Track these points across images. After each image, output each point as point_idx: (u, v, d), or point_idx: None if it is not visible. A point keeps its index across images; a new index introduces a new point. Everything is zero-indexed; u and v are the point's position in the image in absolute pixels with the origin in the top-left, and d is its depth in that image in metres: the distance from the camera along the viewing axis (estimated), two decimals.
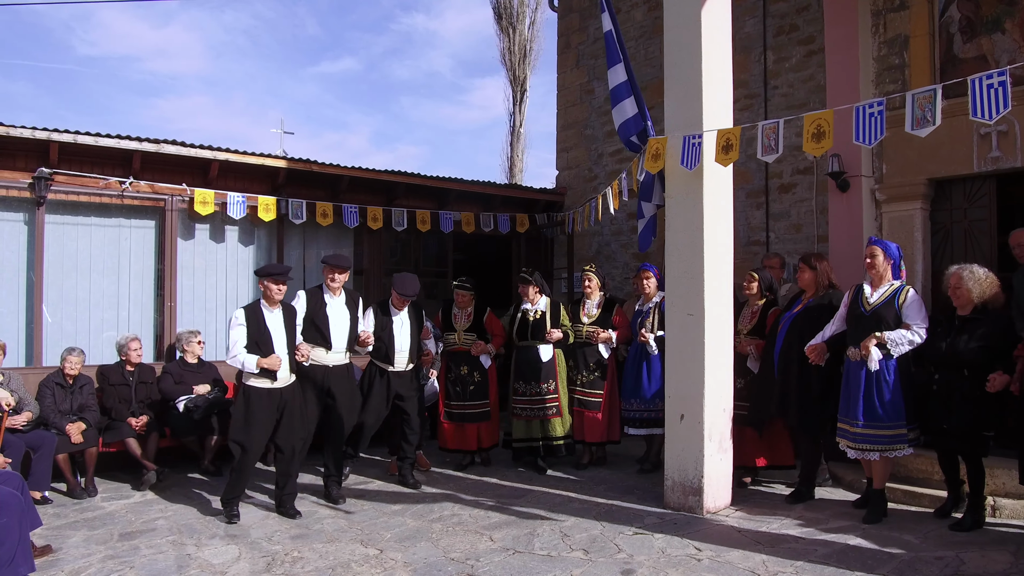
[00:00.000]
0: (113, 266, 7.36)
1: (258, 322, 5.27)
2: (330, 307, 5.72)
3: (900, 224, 6.56)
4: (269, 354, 5.24)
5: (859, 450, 4.97)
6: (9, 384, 5.83)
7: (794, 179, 7.53)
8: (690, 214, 5.26)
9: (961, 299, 4.81)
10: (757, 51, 7.84)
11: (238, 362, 5.24)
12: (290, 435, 5.44)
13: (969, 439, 4.71)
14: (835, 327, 5.22)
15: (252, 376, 5.28)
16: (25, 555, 4.08)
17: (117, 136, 6.93)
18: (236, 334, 5.24)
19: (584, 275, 6.88)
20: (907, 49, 6.55)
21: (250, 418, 5.26)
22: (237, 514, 5.30)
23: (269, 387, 5.30)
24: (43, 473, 5.78)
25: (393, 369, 6.09)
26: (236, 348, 5.23)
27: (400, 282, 6.03)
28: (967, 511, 4.85)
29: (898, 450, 4.88)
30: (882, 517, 5.04)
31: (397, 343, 6.06)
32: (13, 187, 6.72)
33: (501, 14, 22.68)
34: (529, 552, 4.54)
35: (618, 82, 5.73)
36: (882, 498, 5.11)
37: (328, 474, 5.86)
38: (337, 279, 5.71)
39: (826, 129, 4.33)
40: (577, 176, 10.16)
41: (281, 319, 5.39)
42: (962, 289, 4.77)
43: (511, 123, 23.37)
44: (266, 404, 5.30)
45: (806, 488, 5.58)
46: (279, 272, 5.41)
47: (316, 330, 5.62)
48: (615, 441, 6.85)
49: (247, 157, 7.71)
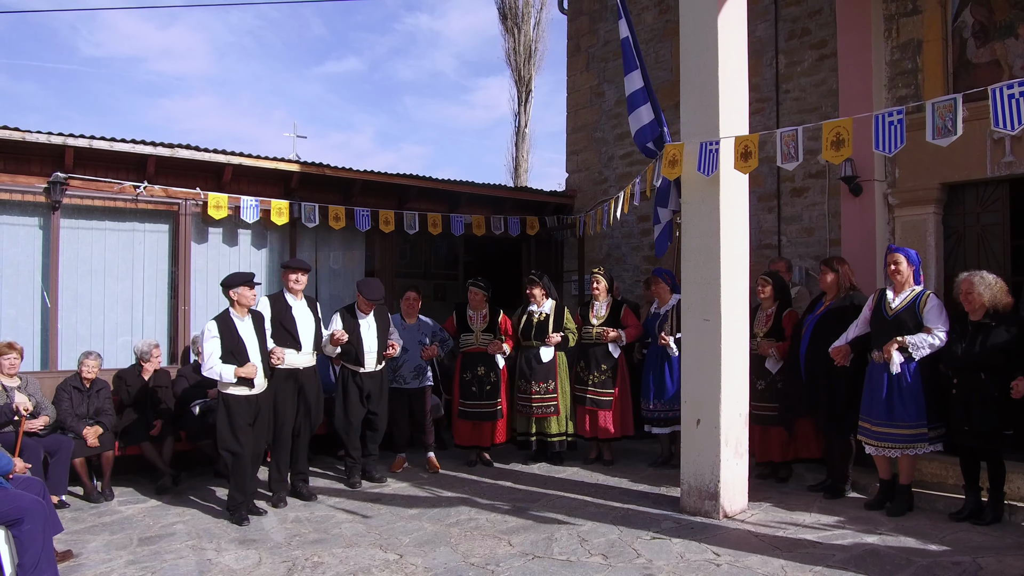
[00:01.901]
0: (127, 270, 7.38)
1: (231, 332, 5.41)
2: (295, 309, 5.93)
3: (913, 228, 6.57)
4: (245, 362, 5.38)
5: (880, 447, 5.18)
6: (26, 388, 5.86)
7: (806, 183, 7.54)
8: (706, 220, 5.27)
9: (973, 304, 4.97)
10: (769, 55, 7.84)
11: (215, 373, 5.35)
12: (262, 436, 5.66)
13: (989, 439, 4.87)
14: (858, 329, 5.42)
15: (230, 385, 5.40)
16: (49, 561, 4.12)
17: (132, 141, 6.95)
18: (210, 346, 5.35)
19: (593, 277, 7.11)
20: (920, 54, 6.56)
21: (233, 425, 5.42)
22: (246, 517, 5.40)
23: (247, 394, 5.46)
24: (60, 477, 5.81)
25: (364, 370, 6.30)
26: (212, 360, 5.34)
27: (366, 287, 6.31)
28: (988, 505, 5.01)
29: (919, 448, 5.08)
30: (906, 511, 5.25)
31: (366, 345, 6.27)
32: (28, 192, 6.75)
33: (506, 14, 22.68)
34: (548, 557, 4.56)
35: (634, 88, 5.75)
36: (908, 493, 5.31)
37: (297, 471, 6.06)
38: (300, 281, 5.95)
39: (845, 137, 4.35)
40: (587, 179, 10.17)
41: (252, 326, 5.55)
42: (974, 295, 4.94)
43: (516, 123, 23.40)
44: (244, 410, 5.46)
45: (841, 483, 5.77)
46: (250, 278, 5.57)
47: (285, 332, 5.80)
48: (628, 436, 7.07)
49: (260, 161, 7.73)
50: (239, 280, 5.53)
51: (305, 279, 6.01)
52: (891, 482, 5.36)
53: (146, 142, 7.03)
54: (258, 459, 5.72)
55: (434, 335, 7.08)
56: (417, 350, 6.90)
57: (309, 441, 6.16)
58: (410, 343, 6.85)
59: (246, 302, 5.53)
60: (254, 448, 5.58)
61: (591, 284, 7.09)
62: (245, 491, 5.51)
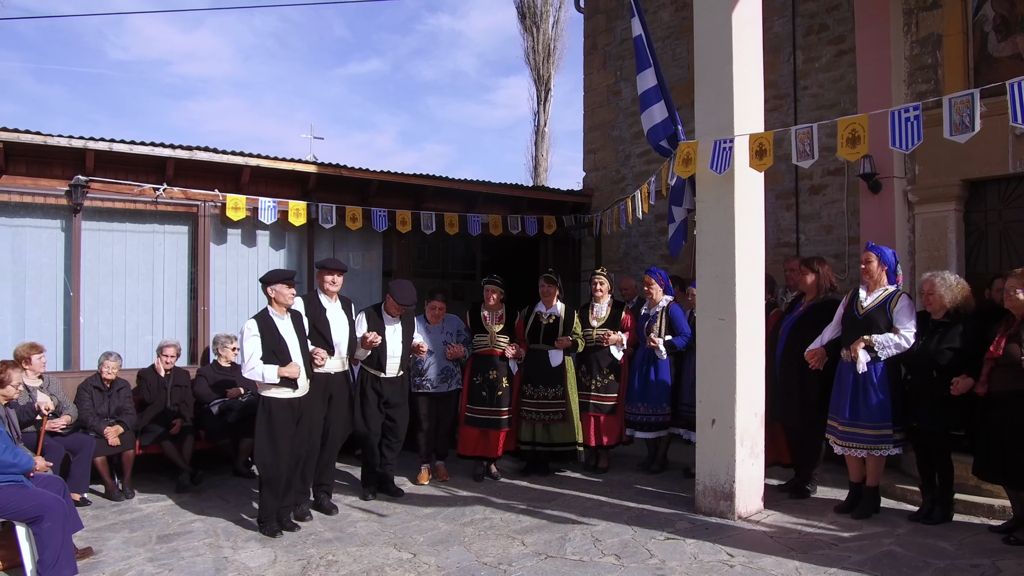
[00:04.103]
0: (148, 271, 7.47)
1: (272, 331, 5.10)
2: (329, 312, 5.61)
3: (933, 226, 6.48)
4: (287, 362, 5.08)
5: (845, 447, 5.19)
6: (48, 388, 5.96)
7: (825, 180, 7.46)
8: (721, 218, 5.24)
9: (934, 304, 5.04)
10: (786, 51, 7.77)
11: (257, 374, 5.02)
12: (303, 443, 5.31)
13: (936, 436, 4.93)
14: (833, 331, 5.40)
15: (272, 387, 5.09)
16: (68, 558, 4.20)
17: (151, 144, 7.04)
18: (251, 345, 5.02)
19: (595, 278, 6.83)
20: (940, 48, 6.47)
21: (273, 433, 5.09)
22: (278, 530, 5.13)
23: (290, 397, 5.15)
24: (82, 475, 5.91)
25: (385, 376, 6.01)
26: (253, 360, 5.00)
27: (399, 290, 5.91)
28: (937, 505, 5.07)
29: (884, 449, 5.08)
30: (872, 513, 5.24)
31: (389, 349, 5.97)
32: (51, 195, 6.86)
33: (525, 13, 22.69)
34: (561, 557, 4.56)
35: (647, 87, 5.71)
36: (875, 495, 5.30)
37: (319, 483, 5.72)
38: (337, 282, 5.64)
39: (861, 134, 4.29)
40: (604, 177, 10.15)
41: (291, 326, 5.25)
42: (935, 295, 5.01)
43: (535, 122, 23.40)
44: (288, 415, 5.14)
45: (803, 483, 5.78)
46: (290, 276, 5.26)
47: (319, 335, 5.48)
48: (625, 443, 6.89)
49: (278, 163, 7.79)
50: (277, 277, 5.20)
51: (341, 280, 5.66)
52: (860, 485, 5.33)
53: (165, 144, 7.11)
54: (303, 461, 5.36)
55: (459, 333, 6.70)
56: (442, 351, 6.56)
57: (336, 452, 5.83)
58: (435, 345, 6.53)
59: (284, 300, 5.19)
60: (294, 456, 5.24)
61: (592, 285, 6.83)
62: (278, 504, 5.18)
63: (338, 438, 5.76)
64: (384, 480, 6.18)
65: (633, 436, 6.73)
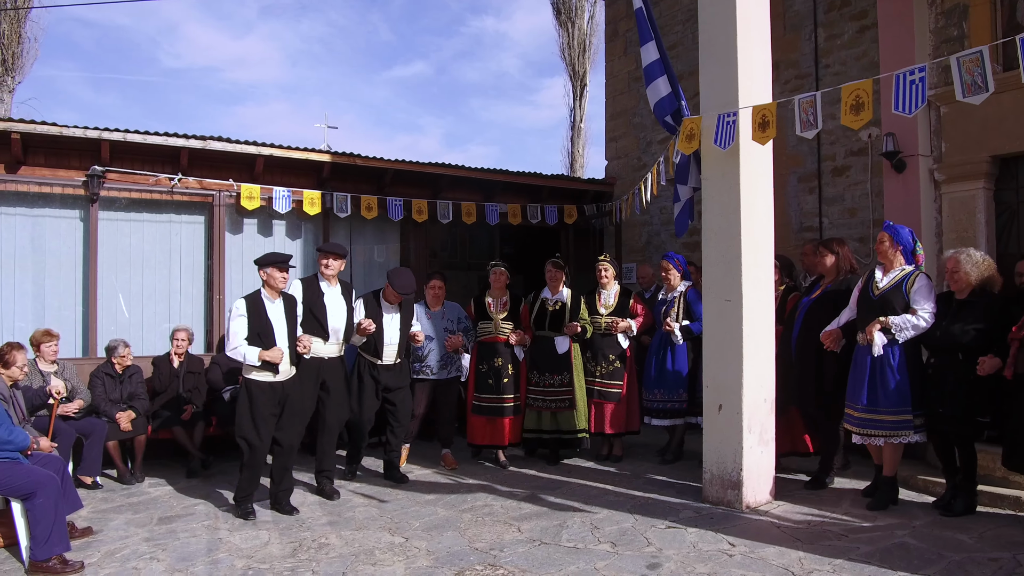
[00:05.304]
0: (164, 260, 7.58)
1: (259, 313, 5.10)
2: (327, 296, 5.58)
3: (961, 205, 6.16)
4: (271, 346, 5.07)
5: (863, 435, 4.92)
6: (63, 373, 6.06)
7: (848, 161, 7.16)
8: (726, 196, 5.04)
9: (959, 283, 4.77)
10: (807, 29, 7.49)
11: (239, 354, 5.04)
12: (291, 429, 5.32)
13: (961, 423, 4.63)
14: (851, 313, 5.14)
15: (253, 369, 5.10)
16: (61, 534, 4.22)
17: (165, 134, 7.13)
18: (236, 325, 5.04)
19: (601, 265, 6.74)
20: (966, 19, 6.14)
21: (254, 413, 5.12)
22: (253, 511, 5.16)
23: (271, 381, 5.15)
24: (94, 459, 5.99)
25: (382, 363, 5.96)
26: (236, 340, 5.03)
27: (397, 278, 5.87)
28: (959, 496, 4.80)
29: (903, 436, 4.81)
30: (889, 504, 4.97)
31: (386, 336, 5.92)
32: (68, 185, 6.99)
33: (560, 9, 22.59)
34: (555, 544, 4.43)
35: (650, 60, 5.55)
36: (892, 485, 5.02)
37: (320, 469, 5.71)
38: (332, 265, 5.59)
39: (865, 100, 4.07)
40: (626, 165, 9.95)
41: (282, 309, 5.25)
42: (959, 273, 4.74)
43: (571, 118, 23.30)
44: (268, 398, 5.14)
45: (824, 475, 5.51)
46: (282, 260, 5.25)
47: (314, 320, 5.45)
48: (634, 432, 6.75)
49: (292, 152, 7.82)
50: (269, 260, 5.22)
51: (338, 264, 5.62)
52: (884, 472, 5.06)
53: (179, 135, 7.20)
54: (293, 451, 5.39)
55: (460, 321, 6.73)
56: (443, 338, 6.56)
57: (336, 438, 5.79)
58: (435, 332, 6.54)
59: (274, 284, 5.20)
60: (289, 440, 5.29)
61: (598, 272, 6.72)
62: (256, 483, 5.26)
63: (335, 424, 5.71)
64: (389, 467, 6.16)
65: (650, 423, 6.60)
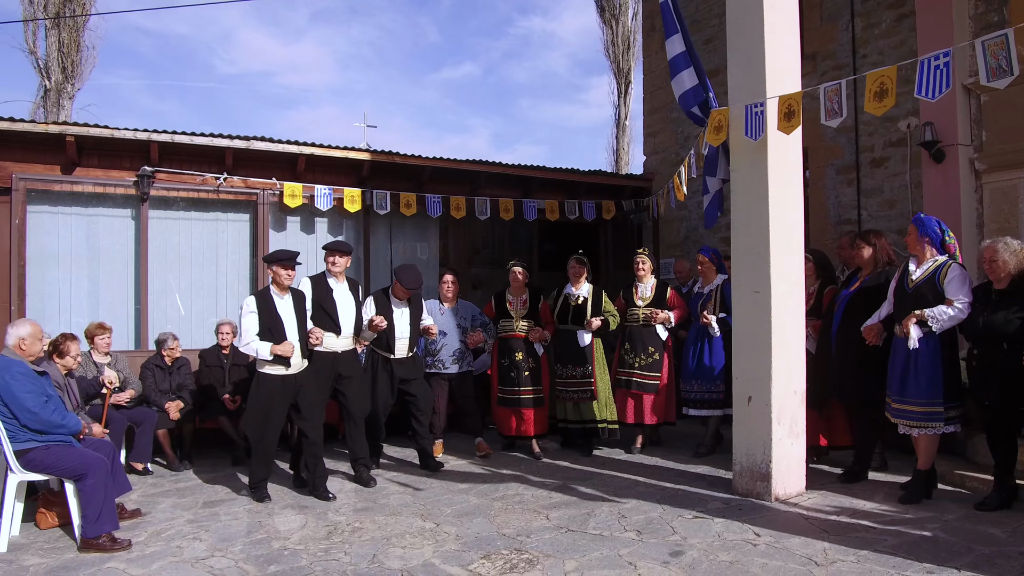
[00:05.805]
0: (211, 257, 7.86)
1: (269, 309, 5.31)
2: (336, 292, 5.76)
3: (1003, 195, 6.02)
4: (281, 340, 5.28)
5: (902, 425, 4.89)
6: (116, 365, 6.36)
7: (886, 152, 7.05)
8: (755, 187, 5.03)
9: (997, 272, 4.70)
10: (844, 19, 7.39)
11: (251, 349, 5.28)
12: (311, 420, 5.52)
13: (1005, 414, 4.55)
14: (890, 305, 5.09)
15: (266, 363, 5.32)
16: (110, 514, 4.46)
17: (210, 135, 7.41)
18: (248, 322, 5.28)
19: (639, 257, 6.88)
20: (1007, 4, 6.00)
21: (265, 405, 5.34)
22: (267, 495, 5.41)
23: (283, 374, 5.36)
24: (145, 447, 6.28)
25: (395, 357, 6.15)
26: (249, 335, 5.26)
27: (404, 274, 6.07)
28: (994, 489, 4.71)
29: (933, 428, 4.75)
30: (922, 498, 4.89)
31: (398, 331, 6.11)
32: (120, 185, 7.32)
33: (604, 6, 22.56)
34: (582, 531, 4.50)
35: (676, 53, 5.56)
36: (924, 478, 4.94)
37: (355, 458, 5.88)
38: (338, 263, 5.77)
39: (889, 87, 4.04)
40: (664, 160, 9.94)
41: (291, 305, 5.44)
42: (998, 262, 4.68)
43: (616, 116, 23.22)
44: (280, 391, 5.36)
45: (860, 468, 5.45)
46: (287, 257, 5.45)
47: (325, 315, 5.64)
48: (671, 423, 6.85)
49: (332, 151, 8.03)
50: (274, 257, 5.44)
51: (343, 261, 5.80)
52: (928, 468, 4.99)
53: (223, 135, 7.47)
54: (319, 440, 5.57)
55: (474, 319, 6.93)
56: (456, 334, 6.78)
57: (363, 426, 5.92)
58: (448, 327, 6.76)
59: (279, 281, 5.40)
60: (312, 431, 5.49)
61: (635, 265, 6.82)
62: (268, 469, 5.53)
63: (359, 413, 5.88)
64: (423, 455, 6.34)
65: (687, 412, 6.68)
